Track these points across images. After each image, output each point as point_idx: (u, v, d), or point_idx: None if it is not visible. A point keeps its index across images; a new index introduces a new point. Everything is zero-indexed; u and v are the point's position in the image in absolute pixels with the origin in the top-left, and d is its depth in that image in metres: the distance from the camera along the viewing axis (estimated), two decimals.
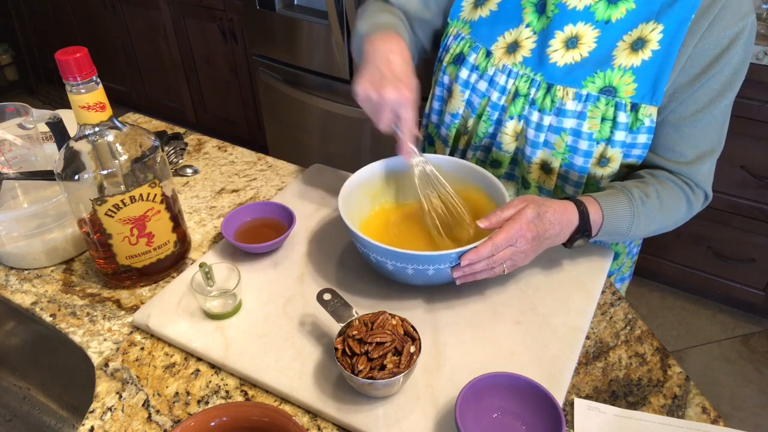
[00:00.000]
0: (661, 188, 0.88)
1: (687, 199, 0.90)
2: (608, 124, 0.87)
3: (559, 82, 0.89)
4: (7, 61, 3.57)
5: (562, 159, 0.93)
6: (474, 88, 0.96)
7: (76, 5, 3.10)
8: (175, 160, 1.19)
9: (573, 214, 0.82)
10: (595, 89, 0.87)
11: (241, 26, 2.50)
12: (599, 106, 0.87)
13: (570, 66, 0.88)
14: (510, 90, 0.93)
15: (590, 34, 0.87)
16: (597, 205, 0.84)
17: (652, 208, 0.86)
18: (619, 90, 0.86)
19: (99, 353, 0.80)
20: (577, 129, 0.89)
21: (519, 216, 0.77)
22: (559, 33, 0.88)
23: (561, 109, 0.89)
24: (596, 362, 0.78)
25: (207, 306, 0.81)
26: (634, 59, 0.85)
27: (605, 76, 0.86)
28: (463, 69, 0.96)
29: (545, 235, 0.80)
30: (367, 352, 0.68)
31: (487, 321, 0.82)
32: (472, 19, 0.96)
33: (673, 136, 0.87)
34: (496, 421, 0.68)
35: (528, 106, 0.91)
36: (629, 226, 0.86)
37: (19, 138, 0.99)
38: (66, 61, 0.71)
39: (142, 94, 3.22)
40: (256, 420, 0.61)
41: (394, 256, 0.77)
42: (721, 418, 0.71)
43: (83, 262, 0.95)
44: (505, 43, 0.93)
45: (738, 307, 2.14)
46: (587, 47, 0.87)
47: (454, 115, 1.01)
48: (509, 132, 0.95)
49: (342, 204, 0.84)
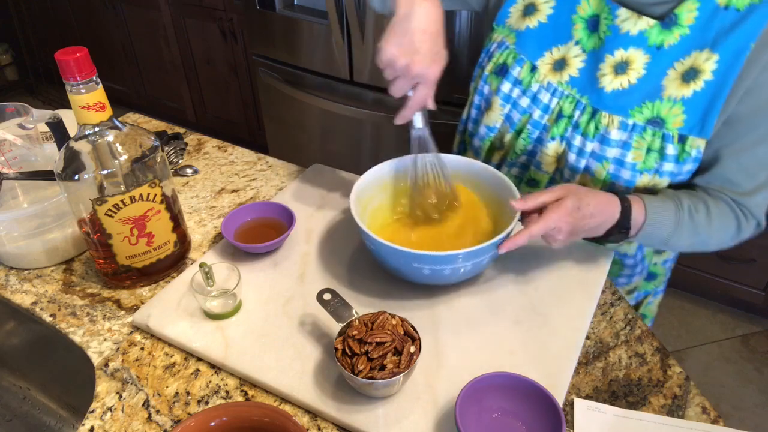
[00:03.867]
0: (713, 205, 0.84)
1: (738, 223, 0.86)
2: (654, 155, 0.84)
3: (606, 108, 0.85)
4: (7, 61, 3.57)
5: (602, 185, 0.89)
6: (515, 103, 0.92)
7: (76, 5, 3.10)
8: (175, 160, 1.19)
9: (615, 209, 0.81)
10: (642, 119, 0.83)
11: (241, 26, 2.50)
12: (645, 137, 0.83)
13: (618, 92, 0.84)
14: (554, 109, 0.89)
15: (640, 60, 0.82)
16: (642, 205, 0.82)
17: (698, 223, 0.83)
18: (667, 121, 0.82)
19: (99, 353, 0.80)
20: (621, 159, 0.85)
21: (558, 207, 0.76)
22: (609, 57, 0.84)
23: (605, 137, 0.85)
24: (596, 362, 0.78)
25: (207, 306, 0.81)
26: (685, 90, 0.80)
27: (653, 107, 0.82)
28: (506, 82, 0.91)
29: (583, 228, 0.79)
30: (367, 352, 0.68)
31: (488, 321, 0.82)
32: (519, 28, 0.91)
33: (730, 167, 0.83)
34: (496, 421, 0.68)
35: (571, 129, 0.88)
36: (670, 235, 0.83)
37: (19, 138, 0.99)
38: (66, 61, 0.71)
39: (142, 94, 3.22)
40: (256, 420, 0.61)
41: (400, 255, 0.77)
42: (721, 418, 0.71)
43: (83, 262, 0.95)
44: (552, 59, 0.89)
45: (738, 307, 2.14)
46: (636, 73, 0.83)
47: (491, 128, 0.96)
48: (550, 153, 0.91)
49: (354, 203, 0.84)
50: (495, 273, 0.89)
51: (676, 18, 0.79)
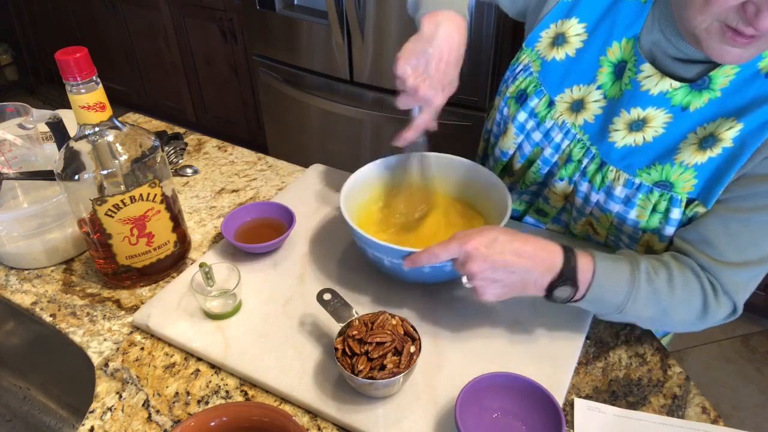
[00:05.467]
0: (678, 273, 0.74)
1: (704, 299, 0.74)
2: (658, 216, 0.79)
3: (614, 163, 0.81)
4: (7, 61, 3.57)
5: (607, 233, 0.88)
6: (528, 134, 0.90)
7: (76, 5, 3.10)
8: (175, 160, 1.19)
9: (553, 257, 0.71)
10: (650, 181, 0.78)
11: (241, 26, 2.50)
12: (651, 198, 0.78)
13: (628, 149, 0.79)
14: (564, 150, 0.87)
15: (660, 119, 0.77)
16: (591, 259, 0.72)
17: (658, 288, 0.73)
18: (676, 186, 0.76)
19: (99, 353, 0.80)
20: (623, 215, 0.82)
21: (474, 234, 0.71)
22: (624, 113, 0.79)
23: (610, 191, 0.81)
24: (596, 362, 0.78)
25: (207, 306, 0.81)
26: (700, 157, 0.74)
27: (663, 170, 0.77)
28: (522, 111, 0.89)
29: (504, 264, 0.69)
30: (367, 352, 0.68)
31: (487, 321, 0.82)
32: (545, 56, 0.87)
33: (716, 230, 0.74)
34: (496, 421, 0.68)
35: (579, 174, 0.85)
36: (624, 301, 0.72)
37: (19, 138, 0.99)
38: (66, 61, 0.71)
39: (142, 94, 3.22)
40: (256, 420, 0.61)
41: (390, 253, 0.77)
42: (721, 418, 0.71)
43: (83, 262, 0.95)
44: (570, 98, 0.85)
45: None
46: (653, 132, 0.78)
47: (504, 153, 0.94)
48: (558, 192, 0.90)
49: (344, 202, 0.84)
50: None
51: (710, 81, 0.74)
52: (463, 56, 0.81)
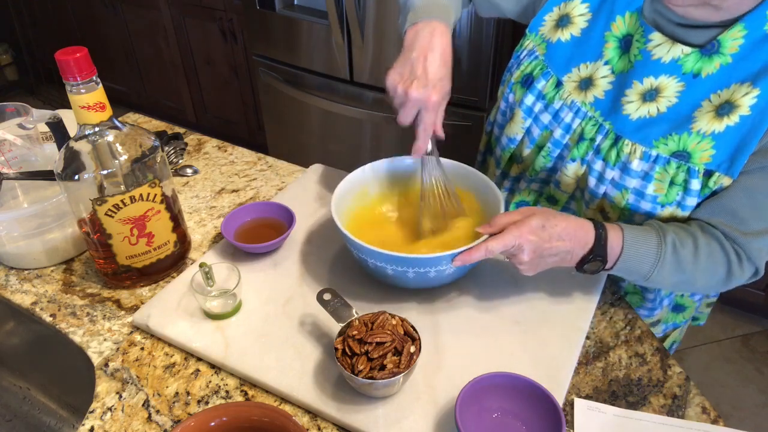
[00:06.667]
0: (704, 243, 0.78)
1: (728, 267, 0.78)
2: (677, 189, 0.79)
3: (629, 136, 0.80)
4: (7, 61, 3.57)
5: (621, 213, 0.85)
6: (537, 117, 0.89)
7: (76, 5, 3.10)
8: (175, 160, 1.19)
9: (588, 235, 0.76)
10: (667, 152, 0.78)
11: (241, 26, 2.50)
12: (669, 170, 0.78)
13: (643, 120, 0.79)
14: (575, 130, 0.86)
15: (673, 87, 0.77)
16: (620, 233, 0.77)
17: (682, 259, 0.77)
18: (693, 156, 0.76)
19: (99, 353, 0.80)
20: (641, 190, 0.81)
21: (521, 224, 0.73)
22: (637, 84, 0.79)
23: (626, 166, 0.81)
24: (596, 362, 0.78)
25: (207, 306, 0.81)
26: (717, 125, 0.74)
27: (680, 139, 0.77)
28: (529, 94, 0.88)
29: (550, 250, 0.74)
30: (367, 352, 0.68)
31: (487, 321, 0.82)
32: (551, 39, 0.87)
33: (741, 201, 0.76)
34: (496, 421, 0.68)
35: (592, 153, 0.84)
36: (650, 270, 0.77)
37: (19, 138, 0.99)
38: (66, 61, 0.71)
39: (142, 94, 3.22)
40: (256, 420, 0.61)
41: (394, 261, 0.76)
42: (721, 418, 0.71)
43: (83, 262, 0.95)
44: (578, 77, 0.85)
45: (738, 307, 2.14)
46: (667, 101, 0.78)
47: (511, 140, 0.93)
48: (570, 174, 0.88)
49: (335, 209, 0.83)
50: (495, 273, 0.89)
51: (719, 45, 0.73)
52: (449, 55, 0.82)
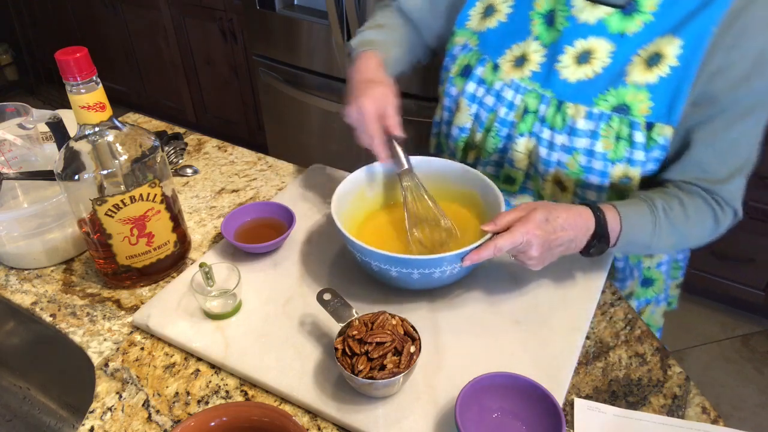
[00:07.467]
0: (687, 201, 0.83)
1: (714, 216, 0.84)
2: (623, 143, 0.83)
3: (570, 99, 0.85)
4: (7, 61, 3.57)
5: (576, 179, 0.89)
6: (481, 102, 0.93)
7: (76, 5, 3.10)
8: (175, 160, 1.19)
9: (588, 219, 0.78)
10: (608, 107, 0.83)
11: (241, 26, 2.50)
12: (612, 125, 0.83)
13: (582, 83, 0.84)
14: (519, 106, 0.90)
15: (604, 48, 0.83)
16: (615, 212, 0.80)
17: (675, 220, 0.82)
18: (633, 108, 0.82)
19: (99, 353, 0.80)
20: (591, 149, 0.85)
21: (526, 220, 0.74)
22: (569, 48, 0.85)
23: (573, 128, 0.85)
24: (596, 362, 0.78)
25: (207, 306, 0.81)
26: (650, 76, 0.80)
27: (618, 93, 0.82)
28: (470, 82, 0.93)
29: (557, 242, 0.76)
30: (367, 352, 0.68)
31: (487, 321, 0.82)
32: (480, 29, 0.93)
33: (704, 153, 0.82)
34: (496, 421, 0.68)
35: (539, 123, 0.88)
36: (650, 238, 0.81)
37: (19, 138, 0.99)
38: (66, 61, 0.71)
39: (142, 94, 3.22)
40: (256, 420, 0.61)
41: (399, 263, 0.76)
42: (721, 418, 0.71)
43: (83, 262, 0.95)
44: (512, 57, 0.90)
45: (738, 307, 2.14)
46: (601, 63, 0.83)
47: (462, 129, 0.97)
48: (520, 149, 0.91)
49: (335, 211, 0.83)
50: (495, 273, 0.89)
51: (637, 5, 0.80)
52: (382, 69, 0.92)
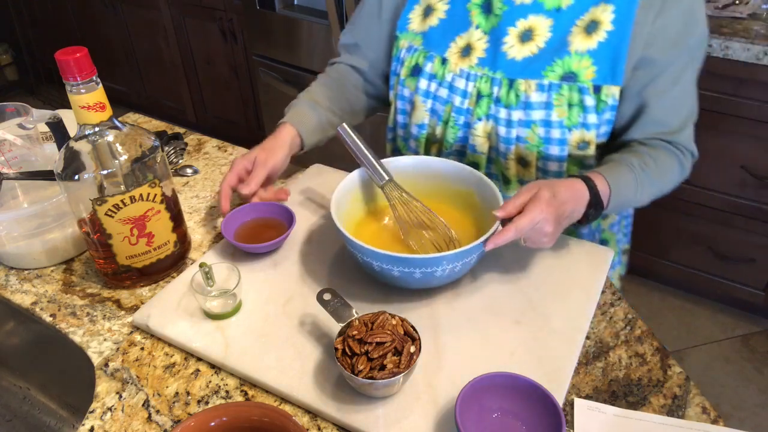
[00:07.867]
0: (655, 154, 0.90)
1: (679, 162, 0.93)
2: (576, 109, 0.89)
3: (520, 75, 0.90)
4: (7, 61, 3.57)
5: (538, 152, 0.94)
6: (435, 96, 0.97)
7: (76, 5, 3.10)
8: (175, 160, 1.19)
9: (583, 190, 0.83)
10: (556, 77, 0.88)
11: (241, 26, 2.50)
12: (563, 93, 0.88)
13: (528, 59, 0.89)
14: (472, 93, 0.94)
15: (544, 25, 0.89)
16: (602, 177, 0.85)
17: (651, 173, 0.89)
18: (579, 75, 0.87)
19: (99, 353, 0.80)
20: (547, 119, 0.90)
21: (537, 200, 0.77)
22: (512, 29, 0.90)
23: (527, 102, 0.90)
24: (596, 362, 0.78)
25: (207, 306, 0.81)
26: (590, 42, 0.86)
27: (563, 63, 0.88)
28: (422, 79, 0.97)
29: (564, 215, 0.80)
30: (367, 352, 0.68)
31: (487, 321, 0.82)
32: (423, 30, 0.97)
33: (658, 108, 0.89)
34: (496, 421, 0.68)
35: (494, 105, 0.92)
36: (634, 194, 0.88)
37: (19, 138, 0.99)
38: (66, 61, 0.71)
39: (142, 94, 3.22)
40: (256, 420, 0.61)
41: (401, 263, 0.76)
42: (721, 418, 0.71)
43: (83, 262, 0.95)
44: (458, 48, 0.94)
45: (738, 307, 2.14)
46: (543, 38, 0.89)
47: (421, 126, 1.01)
48: (480, 133, 0.96)
49: (335, 211, 0.83)
50: (495, 273, 0.89)
51: None
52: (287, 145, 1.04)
